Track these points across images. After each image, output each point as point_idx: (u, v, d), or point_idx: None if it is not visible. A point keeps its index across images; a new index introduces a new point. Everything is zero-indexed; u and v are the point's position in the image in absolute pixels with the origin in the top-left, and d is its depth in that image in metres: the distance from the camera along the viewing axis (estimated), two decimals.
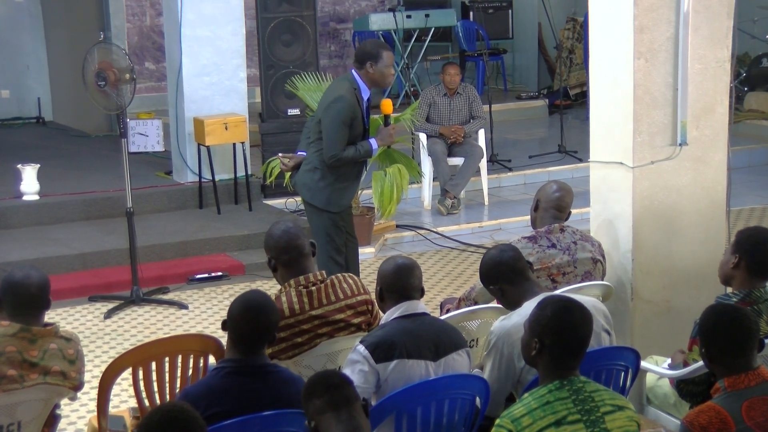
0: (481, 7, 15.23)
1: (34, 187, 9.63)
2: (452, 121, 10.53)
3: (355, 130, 6.82)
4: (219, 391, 4.00)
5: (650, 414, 5.11)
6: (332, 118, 6.74)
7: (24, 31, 13.70)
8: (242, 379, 4.04)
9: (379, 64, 6.82)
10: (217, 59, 10.15)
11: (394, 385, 4.23)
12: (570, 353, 3.76)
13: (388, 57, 6.87)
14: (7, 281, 4.42)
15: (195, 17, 10.01)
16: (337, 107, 6.72)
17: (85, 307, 8.12)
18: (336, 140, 6.74)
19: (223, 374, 4.05)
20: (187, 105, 10.12)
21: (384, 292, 4.50)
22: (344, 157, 6.79)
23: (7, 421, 4.27)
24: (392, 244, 9.61)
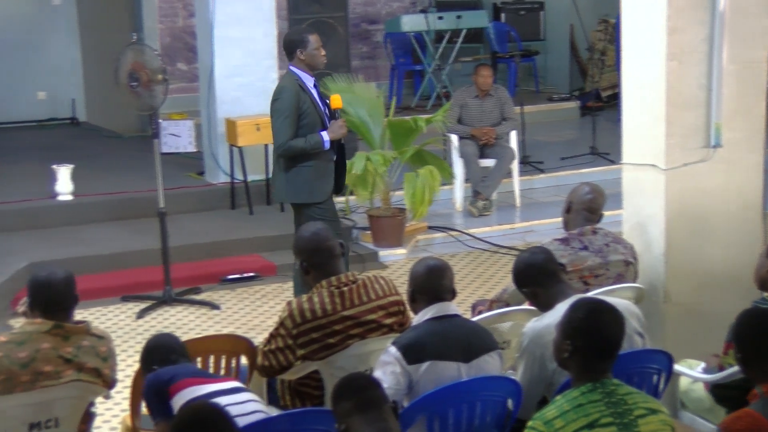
0: (513, 9, 15.20)
1: (68, 188, 9.70)
2: (483, 123, 10.51)
3: (308, 117, 6.93)
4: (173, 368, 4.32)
5: (684, 418, 5.07)
6: (276, 110, 6.96)
7: (59, 34, 13.81)
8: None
9: (308, 47, 6.97)
10: (249, 60, 10.17)
11: (426, 387, 4.22)
12: (602, 355, 3.74)
13: (314, 39, 7.01)
14: (33, 281, 4.48)
15: (227, 18, 10.04)
16: (280, 99, 6.94)
17: (118, 307, 8.16)
18: (281, 130, 6.91)
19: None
20: (219, 106, 10.15)
21: (416, 294, 4.50)
22: (293, 147, 6.91)
23: (45, 417, 4.33)
24: (423, 246, 9.60)
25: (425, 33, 13.93)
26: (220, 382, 4.25)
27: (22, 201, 9.69)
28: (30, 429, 4.31)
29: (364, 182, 9.13)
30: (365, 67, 14.82)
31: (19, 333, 4.36)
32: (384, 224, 9.33)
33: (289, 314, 4.67)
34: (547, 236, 6.71)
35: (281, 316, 4.71)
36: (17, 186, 10.19)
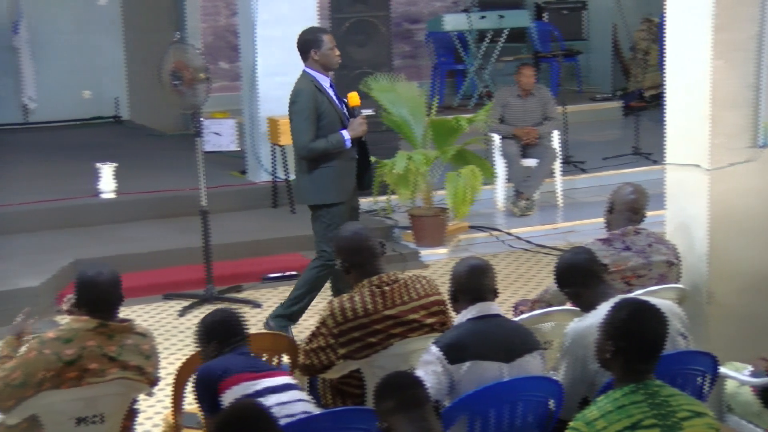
0: (555, 8, 15.15)
1: (111, 186, 9.77)
2: (526, 123, 10.48)
3: (327, 118, 6.91)
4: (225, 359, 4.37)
5: (731, 422, 5.02)
6: (295, 113, 6.93)
7: (104, 33, 13.93)
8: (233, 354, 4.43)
9: (322, 47, 6.95)
10: (291, 59, 10.07)
11: (467, 387, 4.22)
12: (644, 356, 3.72)
13: (328, 39, 7.00)
14: (80, 280, 4.52)
15: (269, 17, 10.07)
16: (298, 102, 6.91)
17: (160, 305, 8.20)
18: (301, 132, 6.88)
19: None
20: (261, 105, 10.18)
21: (457, 293, 4.49)
22: (315, 148, 6.87)
23: (91, 412, 4.38)
24: (465, 245, 9.58)
25: (467, 32, 13.91)
26: (271, 377, 4.26)
27: (67, 199, 9.77)
28: (77, 423, 4.36)
29: (405, 181, 9.13)
30: (407, 67, 14.82)
31: (67, 330, 4.40)
32: (425, 224, 9.32)
33: (330, 313, 4.68)
34: (589, 236, 6.68)
35: (323, 315, 4.71)
36: (62, 184, 10.28)
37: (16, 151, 12.30)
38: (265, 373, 4.33)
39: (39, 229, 9.28)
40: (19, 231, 9.24)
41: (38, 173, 11.01)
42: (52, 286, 8.09)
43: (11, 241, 9.01)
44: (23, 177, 10.82)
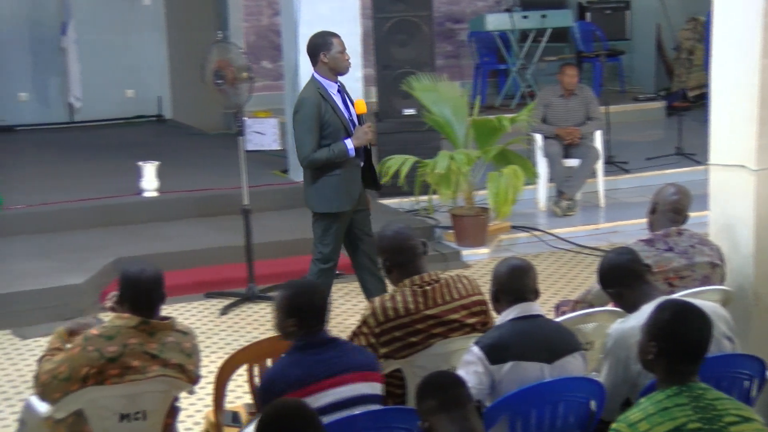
0: (598, 8, 15.06)
1: (154, 184, 9.82)
2: (568, 123, 10.44)
3: (330, 126, 6.82)
4: (289, 365, 4.20)
5: None
6: (297, 123, 6.86)
7: (148, 33, 14.02)
8: (313, 352, 4.23)
9: (331, 51, 6.85)
10: None
11: (508, 387, 4.20)
12: (688, 358, 3.68)
13: (338, 43, 6.89)
14: (123, 277, 4.54)
15: (312, 17, 10.07)
16: (300, 112, 6.83)
17: (202, 303, 8.23)
18: (303, 142, 6.81)
19: (292, 351, 4.26)
20: None
21: (499, 294, 4.47)
22: (316, 159, 6.81)
23: (134, 409, 4.41)
24: (507, 245, 9.55)
25: (510, 32, 13.87)
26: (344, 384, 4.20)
27: (109, 197, 9.84)
28: (120, 419, 4.39)
29: (447, 181, 9.11)
30: (449, 66, 14.80)
31: (109, 327, 4.43)
32: (467, 223, 9.31)
33: (372, 312, 4.68)
34: (631, 237, 6.63)
35: (364, 314, 4.71)
36: (105, 182, 10.34)
37: (62, 149, 12.40)
38: (337, 377, 4.21)
39: (83, 227, 9.35)
40: (64, 229, 9.32)
41: (82, 171, 11.09)
42: (96, 284, 8.15)
43: (56, 239, 9.08)
44: (68, 175, 10.90)
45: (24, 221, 9.37)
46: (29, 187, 10.25)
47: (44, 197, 9.82)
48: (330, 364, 4.21)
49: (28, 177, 10.76)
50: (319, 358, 4.21)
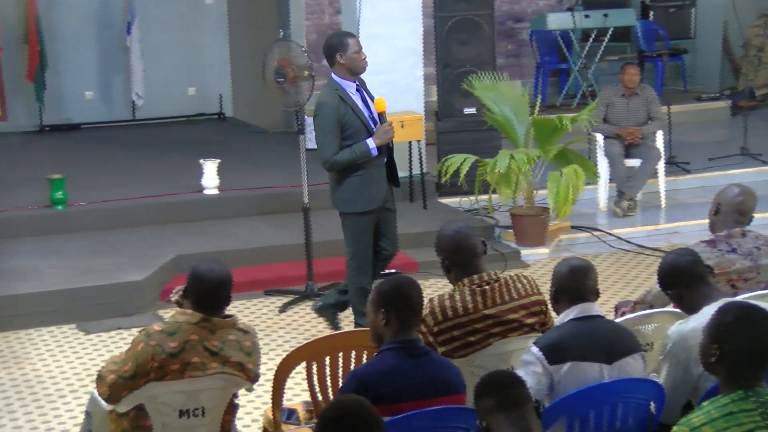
0: (662, 6, 14.90)
1: (214, 182, 9.88)
2: (629, 122, 10.36)
3: (351, 128, 6.87)
4: (388, 370, 4.09)
5: None
6: (317, 126, 6.92)
7: (209, 31, 14.12)
8: (405, 359, 4.13)
9: (348, 51, 6.89)
10: (394, 57, 10.21)
11: (567, 388, 4.18)
12: (753, 362, 3.60)
13: (354, 43, 6.93)
14: (193, 273, 4.56)
15: (373, 15, 10.10)
16: (320, 115, 6.89)
17: (261, 301, 8.27)
18: (324, 146, 6.87)
19: (391, 356, 4.13)
20: None
21: (558, 294, 4.45)
22: (339, 161, 6.86)
23: (193, 405, 4.44)
24: (566, 245, 9.50)
25: (571, 31, 13.79)
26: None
27: (170, 195, 9.92)
28: (180, 416, 4.42)
29: (507, 180, 9.08)
30: (510, 65, 14.74)
31: (171, 323, 4.46)
32: (527, 223, 9.27)
33: (430, 311, 4.67)
34: (692, 238, 6.58)
35: (423, 313, 4.70)
36: (166, 180, 10.43)
37: (124, 147, 12.53)
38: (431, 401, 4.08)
39: (144, 224, 9.44)
40: (126, 225, 9.41)
41: (144, 169, 11.19)
42: (156, 281, 8.22)
43: (118, 236, 9.18)
44: (130, 173, 11.01)
45: (87, 218, 9.49)
46: (92, 184, 10.37)
47: (107, 194, 9.93)
48: (429, 383, 4.11)
49: (92, 174, 10.88)
50: (418, 372, 4.11)
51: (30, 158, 11.91)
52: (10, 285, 8.05)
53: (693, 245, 5.28)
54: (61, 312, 7.84)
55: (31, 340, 7.56)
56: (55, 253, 8.75)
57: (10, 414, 6.37)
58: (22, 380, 6.86)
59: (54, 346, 7.44)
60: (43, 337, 7.61)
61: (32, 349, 7.39)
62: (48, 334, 7.67)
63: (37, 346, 7.46)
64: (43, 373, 6.97)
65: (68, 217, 9.46)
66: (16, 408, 6.45)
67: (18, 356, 7.27)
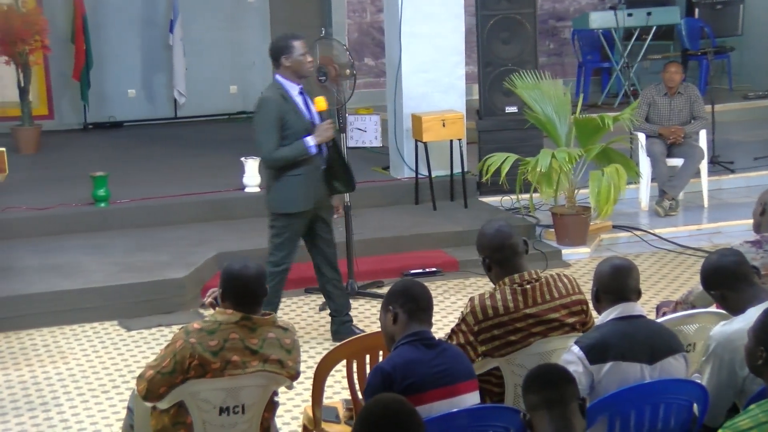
0: (709, 3, 14.76)
1: (256, 180, 9.91)
2: (672, 122, 10.29)
3: (291, 128, 6.85)
4: (410, 362, 4.15)
5: None
6: (258, 122, 6.92)
7: (251, 29, 14.18)
8: (422, 350, 4.20)
9: (293, 53, 6.88)
10: (436, 56, 10.21)
11: (608, 388, 4.16)
12: None
13: (299, 46, 6.90)
14: (226, 272, 4.58)
15: (415, 14, 10.10)
16: (261, 111, 6.89)
17: (301, 299, 8.29)
18: (264, 142, 6.86)
19: (408, 348, 4.19)
20: (405, 101, 10.21)
21: (600, 293, 4.43)
22: (278, 156, 6.85)
23: (233, 403, 4.45)
24: (608, 245, 9.46)
25: (614, 30, 13.71)
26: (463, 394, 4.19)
27: (212, 192, 9.97)
28: (220, 413, 4.44)
29: (548, 180, 9.06)
30: (552, 64, 14.69)
31: (211, 322, 4.48)
32: (568, 222, 9.24)
33: (471, 310, 4.66)
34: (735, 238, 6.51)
35: (463, 312, 4.70)
36: (208, 177, 10.48)
37: (166, 144, 12.60)
38: (453, 386, 4.18)
39: (186, 222, 9.49)
40: (167, 223, 9.47)
41: (186, 166, 11.25)
42: (197, 278, 8.26)
43: (159, 233, 9.23)
44: (172, 170, 11.08)
45: (129, 215, 9.55)
46: (135, 181, 10.45)
47: (149, 192, 9.99)
48: (446, 371, 4.19)
49: (134, 172, 10.96)
50: (437, 361, 4.19)
51: (74, 156, 12.02)
52: (55, 281, 8.13)
53: (737, 245, 5.24)
54: (103, 308, 7.91)
55: (75, 336, 7.63)
56: (98, 250, 8.82)
57: (57, 407, 6.46)
58: (67, 374, 6.94)
59: (96, 342, 7.50)
60: (86, 333, 7.68)
61: (76, 345, 7.46)
62: (91, 330, 7.74)
63: (81, 341, 7.53)
64: (87, 368, 7.04)
65: (111, 214, 9.53)
66: (63, 402, 6.54)
67: (63, 351, 7.35)
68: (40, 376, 6.94)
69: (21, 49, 11.90)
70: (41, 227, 9.32)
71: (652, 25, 13.65)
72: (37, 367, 7.09)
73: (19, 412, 6.41)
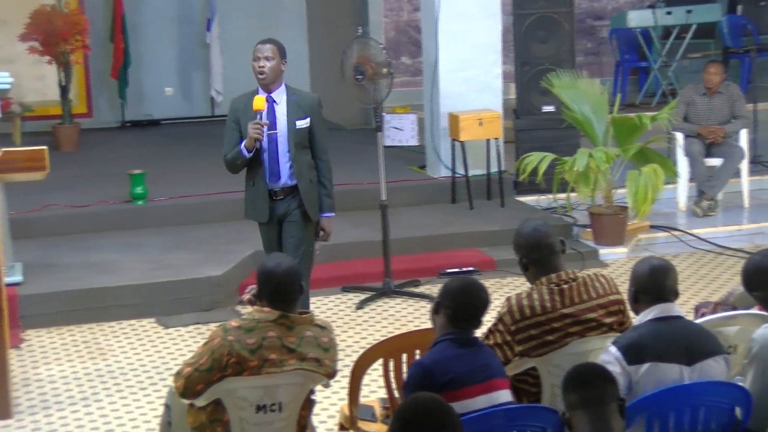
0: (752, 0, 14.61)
1: None
2: (710, 121, 10.22)
3: (245, 130, 6.51)
4: (450, 358, 4.17)
5: None
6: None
7: (288, 28, 14.18)
8: (462, 349, 4.23)
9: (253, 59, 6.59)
10: (473, 55, 10.19)
11: (645, 389, 4.13)
12: None
13: (255, 50, 6.62)
14: (260, 270, 4.59)
15: (452, 13, 10.09)
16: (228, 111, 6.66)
17: (338, 297, 8.30)
18: (224, 143, 6.62)
19: (448, 345, 4.23)
20: (442, 100, 10.21)
21: (638, 294, 4.40)
22: (226, 160, 6.64)
23: (270, 401, 4.46)
24: (645, 245, 9.41)
25: (652, 29, 13.64)
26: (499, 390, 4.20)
27: None
28: (257, 410, 4.45)
29: (585, 179, 9.02)
30: (589, 63, 14.64)
31: (249, 320, 4.49)
32: (605, 222, 9.20)
33: (508, 310, 4.65)
34: None
35: (500, 311, 4.69)
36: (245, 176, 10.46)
37: (203, 142, 12.63)
38: (490, 382, 4.21)
39: (223, 220, 9.51)
40: (204, 221, 9.51)
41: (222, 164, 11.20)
42: (234, 276, 8.29)
43: (197, 231, 9.27)
44: (209, 168, 11.08)
45: (166, 213, 9.60)
46: (172, 179, 10.50)
47: (186, 190, 10.04)
48: (483, 367, 4.22)
49: (171, 170, 11.01)
50: (474, 357, 4.22)
51: (112, 154, 12.10)
52: (94, 278, 8.18)
53: None
54: (141, 306, 7.95)
55: (113, 333, 7.68)
56: (136, 248, 8.87)
57: (96, 403, 6.52)
58: (106, 371, 6.99)
59: (134, 339, 7.54)
60: (124, 330, 7.72)
61: (114, 342, 7.51)
62: (129, 327, 7.78)
63: (119, 338, 7.58)
64: (125, 365, 7.09)
65: (148, 212, 9.58)
66: (102, 398, 6.59)
67: (102, 348, 7.40)
68: (81, 371, 7.00)
69: (63, 49, 12.04)
70: (80, 225, 9.40)
71: (691, 23, 13.56)
72: (77, 362, 7.15)
73: (61, 406, 6.48)
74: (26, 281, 8.04)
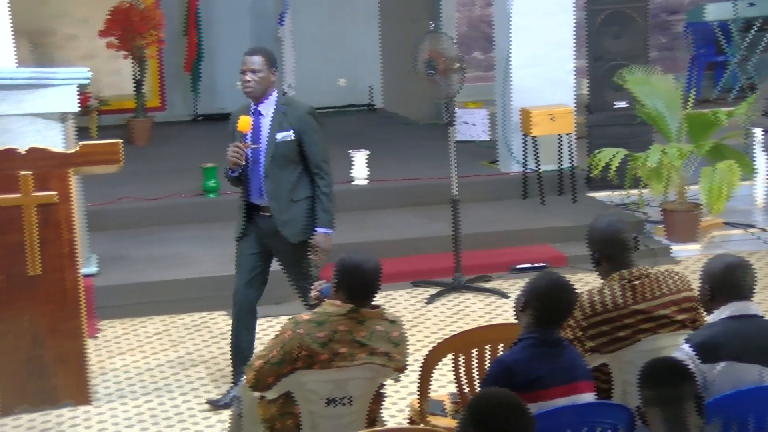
0: None
1: (364, 173, 9.96)
2: None
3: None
4: (532, 358, 4.11)
5: None
6: None
7: (361, 23, 14.25)
8: (546, 350, 4.16)
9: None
10: (546, 50, 10.14)
11: (722, 389, 4.05)
12: None
13: (242, 62, 6.27)
14: (346, 263, 4.58)
15: (525, 7, 10.05)
16: None
17: (408, 292, 8.30)
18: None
19: (531, 345, 4.16)
20: (514, 95, 10.17)
21: (713, 291, 4.32)
22: (226, 177, 6.43)
23: (340, 394, 4.46)
24: (719, 242, 9.29)
25: (731, 21, 13.44)
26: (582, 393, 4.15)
27: None
28: (327, 404, 4.46)
29: (658, 175, 8.94)
30: (663, 59, 14.50)
31: (320, 314, 4.50)
32: (678, 219, 9.10)
33: (579, 306, 4.61)
34: None
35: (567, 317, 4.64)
36: None
37: None
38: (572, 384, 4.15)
39: None
40: None
41: None
42: None
43: None
44: None
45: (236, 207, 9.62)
46: None
47: None
48: (567, 369, 4.16)
49: None
50: (558, 359, 4.16)
51: (184, 147, 12.22)
52: (166, 271, 8.27)
53: None
54: (211, 299, 8.01)
55: (184, 324, 7.76)
56: (207, 241, 8.94)
57: (168, 393, 6.60)
58: (177, 362, 7.07)
59: (205, 332, 7.61)
60: (194, 322, 7.80)
61: (185, 333, 7.59)
62: (199, 319, 7.85)
63: (190, 330, 7.65)
64: (196, 356, 7.15)
65: (220, 205, 9.64)
66: (174, 389, 6.67)
67: (173, 339, 7.49)
68: (153, 362, 7.09)
69: (138, 43, 12.21)
70: (152, 217, 9.50)
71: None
72: (149, 353, 7.24)
73: (135, 396, 6.58)
74: (101, 273, 8.16)
